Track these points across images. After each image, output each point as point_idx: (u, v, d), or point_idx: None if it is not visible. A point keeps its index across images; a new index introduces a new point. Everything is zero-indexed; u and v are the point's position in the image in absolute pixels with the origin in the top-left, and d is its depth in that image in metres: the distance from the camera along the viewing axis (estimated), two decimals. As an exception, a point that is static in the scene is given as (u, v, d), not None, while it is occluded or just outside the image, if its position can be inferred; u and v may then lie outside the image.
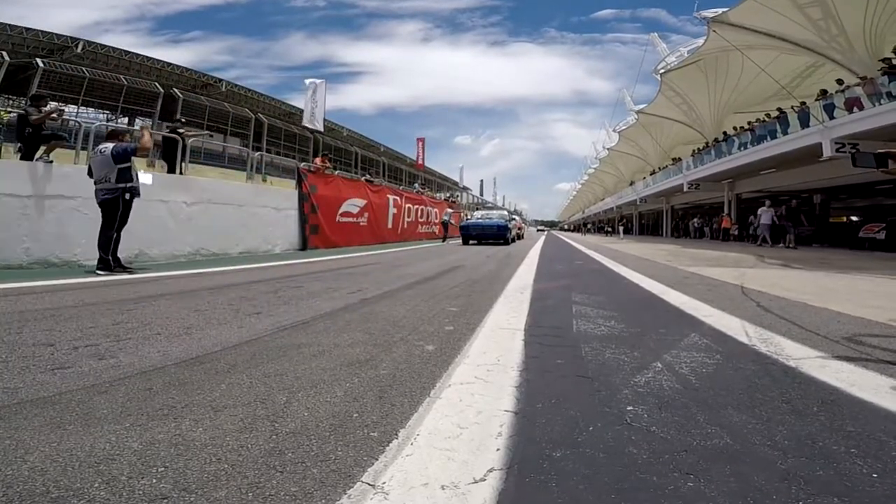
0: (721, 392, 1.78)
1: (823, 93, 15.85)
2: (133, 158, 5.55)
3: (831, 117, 15.03)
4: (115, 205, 5.36)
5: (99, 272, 5.17)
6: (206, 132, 11.33)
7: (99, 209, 5.41)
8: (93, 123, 9.83)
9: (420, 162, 36.25)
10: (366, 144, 48.27)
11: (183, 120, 11.14)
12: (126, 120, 32.64)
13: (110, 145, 5.46)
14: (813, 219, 23.47)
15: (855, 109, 14.27)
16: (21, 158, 6.39)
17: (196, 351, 2.27)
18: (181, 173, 8.77)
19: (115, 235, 5.41)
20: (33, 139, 6.51)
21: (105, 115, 31.61)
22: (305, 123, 15.90)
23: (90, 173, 5.54)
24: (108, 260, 5.32)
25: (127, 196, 5.42)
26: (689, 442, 1.36)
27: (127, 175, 5.44)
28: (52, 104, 7.76)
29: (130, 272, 5.43)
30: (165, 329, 2.71)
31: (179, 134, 9.01)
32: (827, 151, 14.61)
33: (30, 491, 1.07)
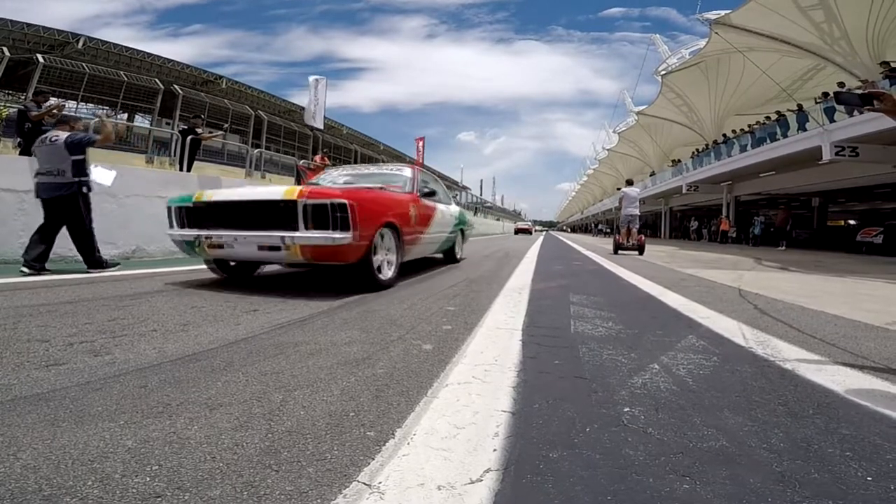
0: (717, 394, 1.78)
1: (825, 95, 15.87)
2: (88, 150, 5.08)
3: (831, 120, 15.05)
4: (74, 202, 4.91)
5: (91, 272, 4.97)
6: (221, 132, 11.31)
7: (42, 207, 4.94)
8: (92, 119, 9.82)
9: (420, 161, 36.28)
10: (365, 142, 48.25)
11: (203, 117, 11.20)
12: (125, 115, 32.59)
13: (63, 134, 4.95)
14: (804, 224, 23.58)
15: (856, 113, 14.28)
16: (20, 154, 6.38)
17: (192, 348, 2.26)
18: (189, 171, 8.82)
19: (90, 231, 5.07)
20: (33, 134, 6.50)
21: (105, 111, 31.53)
22: (308, 121, 15.86)
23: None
24: (100, 258, 5.08)
25: (84, 189, 4.97)
26: (685, 444, 1.36)
27: (82, 168, 4.96)
28: (53, 100, 7.76)
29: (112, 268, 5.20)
30: (161, 325, 2.70)
31: (197, 134, 9.11)
32: (826, 154, 14.64)
33: (22, 489, 1.06)
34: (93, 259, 5.10)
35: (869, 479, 1.18)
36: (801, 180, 20.34)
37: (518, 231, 45.85)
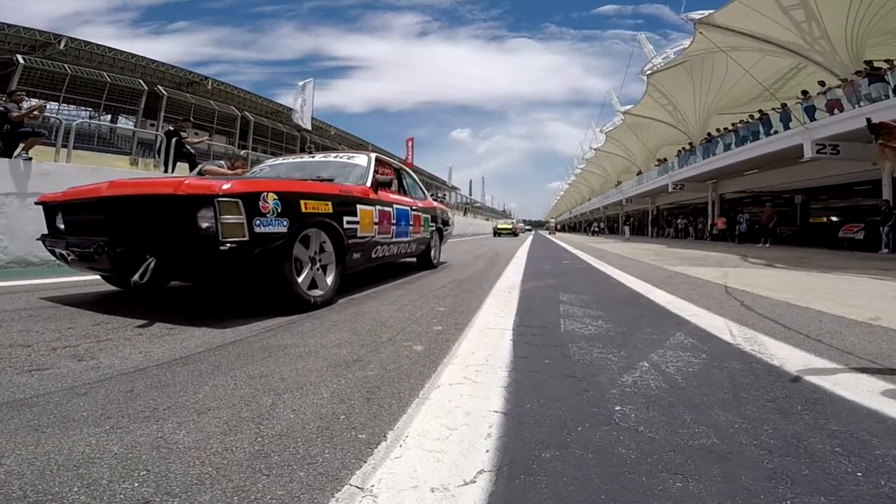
0: (707, 391, 1.79)
1: (804, 94, 16.12)
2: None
3: (812, 119, 15.29)
4: None
5: None
6: (206, 133, 11.48)
7: None
8: (73, 120, 9.71)
9: (409, 161, 36.29)
10: (354, 143, 48.11)
11: (191, 121, 11.19)
12: (109, 117, 32.14)
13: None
14: (788, 221, 23.95)
15: (835, 111, 14.53)
16: (-1, 156, 6.25)
17: (179, 352, 2.23)
18: (173, 172, 8.80)
19: None
20: (12, 136, 6.38)
21: (87, 113, 31.05)
22: (296, 122, 15.77)
23: None
24: None
25: None
26: (676, 442, 1.36)
27: None
28: (34, 101, 7.63)
29: None
30: (147, 329, 2.66)
31: (181, 137, 9.13)
32: (808, 152, 14.87)
33: (6, 495, 1.04)
34: None
35: (859, 474, 1.19)
36: (784, 178, 20.66)
37: (498, 232, 34.26)
